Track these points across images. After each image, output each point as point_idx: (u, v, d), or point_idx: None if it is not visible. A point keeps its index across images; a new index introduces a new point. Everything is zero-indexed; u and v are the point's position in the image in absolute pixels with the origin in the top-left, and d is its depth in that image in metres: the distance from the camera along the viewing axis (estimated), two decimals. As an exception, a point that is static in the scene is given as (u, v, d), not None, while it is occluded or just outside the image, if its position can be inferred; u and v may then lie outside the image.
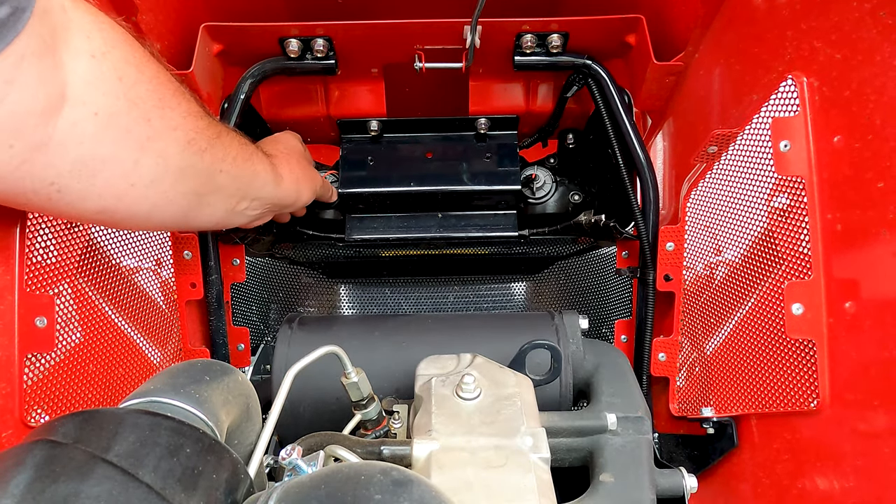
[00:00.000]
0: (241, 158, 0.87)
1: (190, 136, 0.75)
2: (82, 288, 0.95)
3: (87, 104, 0.62)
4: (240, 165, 0.87)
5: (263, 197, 0.96)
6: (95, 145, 0.64)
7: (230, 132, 0.86)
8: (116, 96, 0.65)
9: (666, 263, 1.18)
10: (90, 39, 0.62)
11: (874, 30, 0.74)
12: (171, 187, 0.76)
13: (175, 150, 0.74)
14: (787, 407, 0.94)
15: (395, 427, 0.92)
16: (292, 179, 1.04)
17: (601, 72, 1.16)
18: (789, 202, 0.92)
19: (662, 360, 1.20)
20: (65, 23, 0.59)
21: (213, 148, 0.80)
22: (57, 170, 0.63)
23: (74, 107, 0.61)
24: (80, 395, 0.92)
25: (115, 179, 0.69)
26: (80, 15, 0.62)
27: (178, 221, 0.83)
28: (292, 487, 0.53)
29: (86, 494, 0.47)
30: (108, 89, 0.64)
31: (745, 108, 0.98)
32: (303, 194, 1.09)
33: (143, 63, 0.69)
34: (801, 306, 0.90)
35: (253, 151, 0.91)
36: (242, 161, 0.87)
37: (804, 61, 0.86)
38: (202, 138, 0.78)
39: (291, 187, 1.04)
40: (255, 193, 0.94)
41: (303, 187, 1.08)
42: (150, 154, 0.71)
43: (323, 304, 1.56)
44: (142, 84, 0.68)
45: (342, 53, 1.15)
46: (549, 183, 1.37)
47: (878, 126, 0.75)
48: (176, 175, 0.75)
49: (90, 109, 0.63)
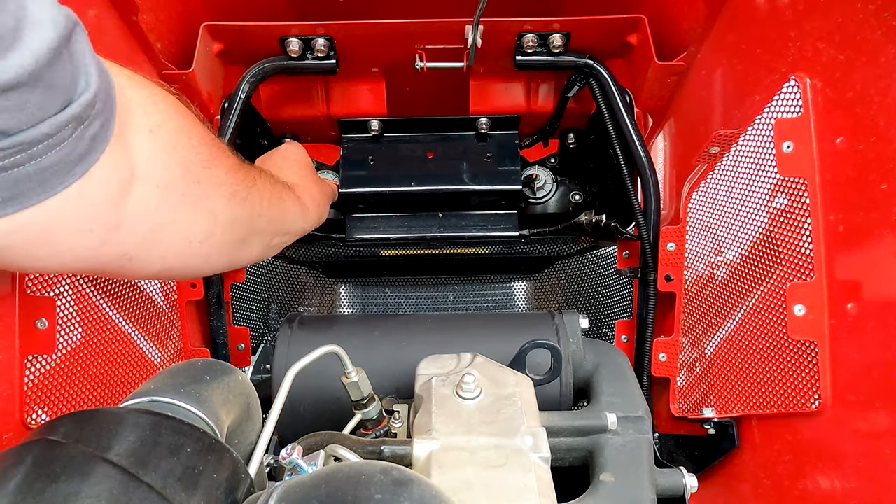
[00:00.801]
0: (273, 199, 0.92)
1: (233, 189, 0.80)
2: (83, 288, 0.95)
3: (151, 178, 0.65)
4: (274, 206, 0.92)
5: (294, 231, 1.03)
6: (159, 214, 0.67)
7: (261, 175, 0.90)
8: (173, 166, 0.68)
9: (667, 264, 1.18)
10: (147, 115, 0.64)
11: (878, 31, 0.74)
12: (220, 238, 0.79)
13: (222, 204, 0.78)
14: (788, 408, 0.94)
15: (396, 427, 0.91)
16: (315, 206, 1.09)
17: (603, 72, 1.16)
18: (791, 203, 0.92)
19: (663, 360, 1.20)
20: (126, 104, 0.61)
21: (252, 196, 0.84)
22: (130, 243, 0.66)
23: (141, 183, 0.63)
24: (81, 395, 0.92)
25: (176, 241, 0.72)
26: (136, 91, 0.64)
27: (224, 267, 0.88)
28: (292, 487, 0.53)
29: (86, 494, 0.47)
30: (166, 160, 0.67)
31: (748, 108, 0.98)
32: (324, 215, 1.14)
33: (191, 128, 0.72)
34: (802, 307, 0.90)
35: (282, 189, 0.96)
36: (276, 201, 0.93)
37: (807, 62, 0.86)
38: (243, 188, 0.82)
39: (315, 215, 1.09)
40: (286, 229, 1.00)
41: (324, 210, 1.14)
42: (202, 212, 0.74)
43: (323, 304, 1.56)
44: (192, 149, 0.71)
45: (343, 53, 1.15)
46: (550, 183, 1.37)
47: (882, 128, 0.75)
48: (224, 227, 0.79)
49: (153, 183, 0.65)
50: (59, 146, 0.50)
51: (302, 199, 1.04)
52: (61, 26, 0.48)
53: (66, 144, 0.51)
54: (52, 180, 0.52)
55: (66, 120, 0.50)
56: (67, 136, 0.51)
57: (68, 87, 0.50)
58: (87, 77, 0.52)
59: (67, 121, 0.50)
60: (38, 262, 0.60)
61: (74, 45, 0.50)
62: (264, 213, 0.88)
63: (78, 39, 0.51)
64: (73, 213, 0.56)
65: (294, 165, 1.12)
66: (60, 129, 0.50)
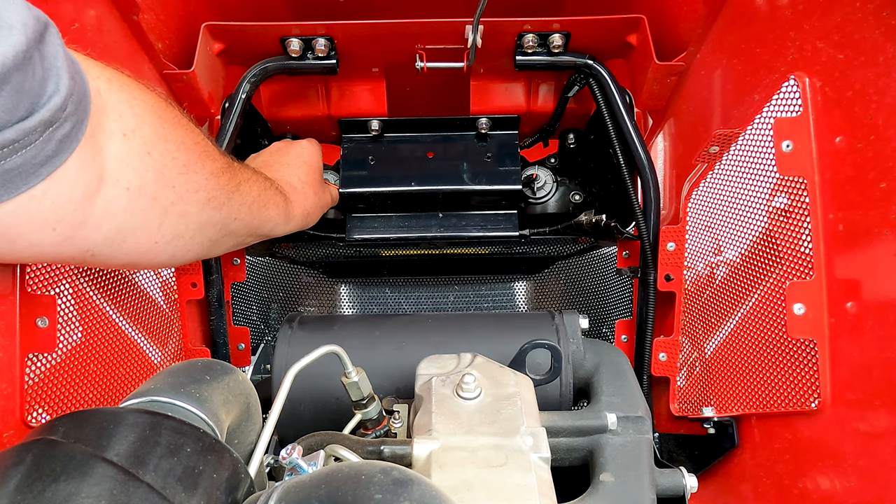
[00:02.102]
0: (255, 205, 0.91)
1: (211, 194, 0.79)
2: (83, 287, 0.95)
3: (120, 181, 0.64)
4: (254, 213, 0.91)
5: (270, 234, 1.02)
6: (127, 217, 0.67)
7: (249, 179, 0.89)
8: (146, 170, 0.67)
9: (667, 263, 1.18)
10: (122, 119, 0.64)
11: (877, 30, 0.74)
12: (189, 239, 0.79)
13: (196, 209, 0.77)
14: (788, 407, 0.94)
15: (396, 426, 0.91)
16: (302, 214, 1.07)
17: (602, 72, 1.16)
18: (791, 202, 0.92)
19: (663, 360, 1.20)
20: (101, 107, 0.60)
21: (231, 201, 0.84)
22: (93, 241, 0.66)
23: (109, 185, 0.63)
24: (81, 394, 0.92)
25: (143, 240, 0.72)
26: (113, 95, 0.63)
27: (190, 261, 0.88)
28: (292, 487, 0.53)
29: (86, 493, 0.47)
30: (139, 164, 0.66)
31: (747, 108, 0.98)
32: (312, 223, 1.12)
33: (171, 132, 0.71)
34: (802, 306, 0.90)
35: (270, 196, 0.95)
36: (258, 208, 0.91)
37: (806, 62, 0.86)
38: (222, 194, 0.81)
39: (300, 223, 1.08)
40: (262, 232, 0.98)
41: (312, 219, 1.12)
42: (173, 216, 0.74)
43: (323, 304, 1.56)
44: (168, 154, 0.71)
45: (343, 53, 1.15)
46: (550, 183, 1.37)
47: (881, 127, 0.75)
48: (195, 230, 0.79)
49: (123, 186, 0.65)
50: (24, 150, 0.49)
51: (290, 206, 1.02)
52: (31, 29, 0.47)
53: (32, 147, 0.50)
54: (15, 181, 0.51)
55: (34, 126, 0.49)
56: (34, 140, 0.50)
57: (37, 91, 0.49)
58: (58, 80, 0.51)
59: (35, 126, 0.49)
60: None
61: (46, 47, 0.49)
62: (241, 217, 0.87)
63: (50, 41, 0.50)
64: (35, 213, 0.55)
65: (302, 167, 1.11)
66: (27, 135, 0.49)
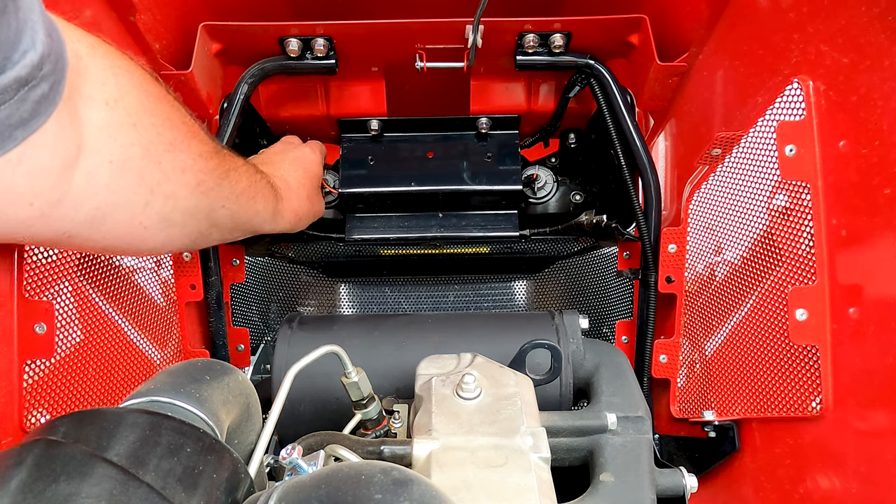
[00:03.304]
0: (245, 197, 0.87)
1: (199, 177, 0.75)
2: (82, 287, 0.94)
3: (102, 152, 0.61)
4: (242, 204, 0.87)
5: (257, 231, 0.98)
6: (109, 194, 0.64)
7: (240, 168, 0.85)
8: (131, 143, 0.64)
9: (668, 265, 1.18)
10: (105, 86, 0.61)
11: (882, 34, 0.74)
12: (179, 227, 0.76)
13: (184, 192, 0.74)
14: (789, 412, 0.93)
15: (396, 426, 0.91)
16: (293, 217, 1.04)
17: (604, 72, 1.16)
18: (794, 206, 0.92)
19: (663, 361, 1.20)
20: (80, 71, 0.58)
21: (220, 187, 0.80)
22: (71, 220, 0.62)
23: (89, 156, 0.60)
24: (80, 396, 0.92)
25: (124, 223, 0.69)
26: (96, 62, 0.61)
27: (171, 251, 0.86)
28: (292, 487, 0.53)
29: (86, 494, 0.47)
30: (123, 137, 0.63)
31: (750, 110, 0.98)
32: (298, 227, 1.08)
33: (156, 107, 0.68)
34: (804, 312, 0.90)
35: (259, 189, 0.91)
36: (246, 200, 0.87)
37: (810, 65, 0.86)
38: (211, 178, 0.78)
39: (287, 225, 1.04)
40: (249, 228, 0.95)
41: (301, 223, 1.08)
42: (159, 196, 0.70)
43: (323, 304, 1.55)
44: (154, 129, 0.67)
45: (342, 53, 1.15)
46: (551, 183, 1.37)
47: (886, 131, 0.75)
48: (184, 215, 0.75)
49: (105, 157, 0.61)
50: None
51: (281, 204, 0.99)
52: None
53: (6, 107, 0.47)
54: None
55: (8, 83, 0.47)
56: (9, 98, 0.47)
57: (11, 43, 0.46)
58: (34, 35, 0.48)
59: (9, 84, 0.47)
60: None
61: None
62: (229, 206, 0.84)
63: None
64: (11, 183, 0.52)
65: (300, 172, 1.08)
66: (1, 92, 0.46)
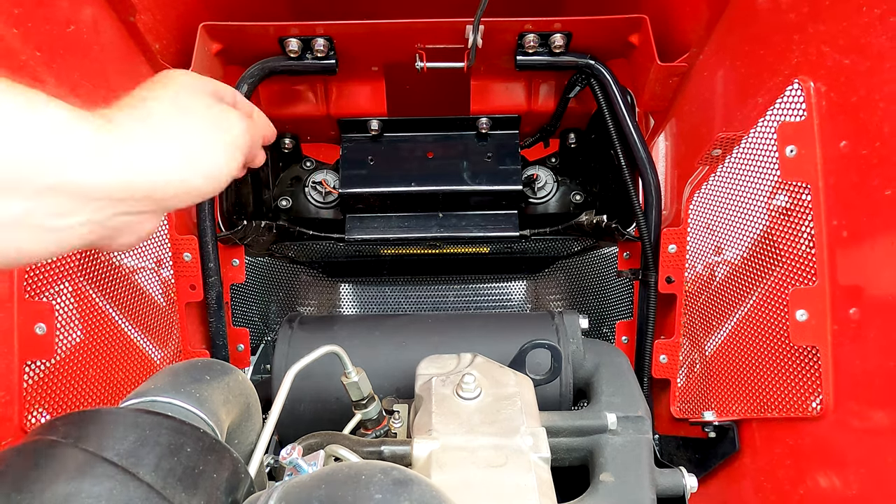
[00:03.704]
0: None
1: None
2: (83, 288, 0.94)
3: None
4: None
5: (46, 187, 0.48)
6: None
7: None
8: None
9: (668, 265, 1.17)
10: None
11: (883, 35, 0.74)
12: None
13: None
14: (789, 412, 0.93)
15: (396, 426, 0.91)
16: (141, 161, 0.53)
17: (604, 72, 1.16)
18: (794, 207, 0.92)
19: (664, 361, 1.20)
20: None
21: None
22: None
23: None
24: (80, 396, 0.92)
25: None
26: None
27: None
28: (293, 487, 0.53)
29: (86, 493, 0.47)
30: None
31: (750, 110, 0.98)
32: (223, 176, 0.60)
33: None
34: (805, 312, 0.90)
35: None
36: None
37: (811, 66, 0.86)
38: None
39: (139, 173, 0.53)
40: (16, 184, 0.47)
41: (193, 166, 0.57)
42: None
43: (323, 304, 1.55)
44: None
45: (342, 53, 1.15)
46: (551, 183, 1.37)
47: (886, 133, 0.75)
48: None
49: None
50: None
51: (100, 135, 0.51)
52: None
53: None
54: None
55: None
56: None
57: None
58: None
59: None
60: None
61: None
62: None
63: None
64: None
65: (185, 97, 0.61)
66: None
